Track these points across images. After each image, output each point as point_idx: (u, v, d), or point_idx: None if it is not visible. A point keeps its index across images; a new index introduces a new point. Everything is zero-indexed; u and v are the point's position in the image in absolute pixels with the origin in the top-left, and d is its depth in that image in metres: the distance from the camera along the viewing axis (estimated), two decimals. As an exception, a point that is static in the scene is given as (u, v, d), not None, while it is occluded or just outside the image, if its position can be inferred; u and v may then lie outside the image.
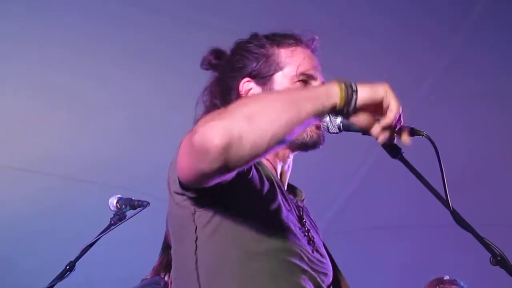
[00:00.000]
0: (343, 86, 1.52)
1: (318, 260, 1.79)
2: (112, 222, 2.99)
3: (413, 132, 1.70)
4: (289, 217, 1.78)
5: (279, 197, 1.77)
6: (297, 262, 1.72)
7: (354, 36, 4.40)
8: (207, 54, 1.98)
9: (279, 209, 1.74)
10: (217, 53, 1.98)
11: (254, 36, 1.95)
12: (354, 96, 1.52)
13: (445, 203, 1.69)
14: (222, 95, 1.92)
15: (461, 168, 4.68)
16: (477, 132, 4.96)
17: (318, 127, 1.85)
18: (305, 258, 1.75)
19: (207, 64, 1.98)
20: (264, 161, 1.83)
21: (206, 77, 2.00)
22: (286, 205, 1.80)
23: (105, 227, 2.99)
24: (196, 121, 1.90)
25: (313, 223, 1.92)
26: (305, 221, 1.86)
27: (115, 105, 4.52)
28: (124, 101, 4.52)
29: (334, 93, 1.52)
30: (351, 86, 1.52)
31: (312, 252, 1.79)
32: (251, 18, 3.96)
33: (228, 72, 1.92)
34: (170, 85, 4.37)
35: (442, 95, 4.79)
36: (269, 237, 1.70)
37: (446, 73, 4.70)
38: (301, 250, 1.74)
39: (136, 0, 4.10)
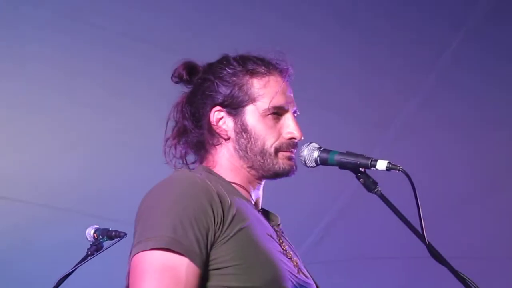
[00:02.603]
0: None
1: (303, 281, 1.81)
2: (89, 252, 2.97)
3: (389, 167, 1.73)
4: (273, 245, 1.79)
5: (259, 228, 1.78)
6: None
7: (336, 61, 4.44)
8: (180, 66, 1.93)
9: (263, 241, 1.76)
10: (190, 68, 1.93)
11: (226, 60, 1.91)
12: None
13: (421, 237, 1.71)
14: (193, 117, 1.90)
15: (438, 199, 4.71)
16: (450, 166, 5.01)
17: (290, 158, 1.86)
18: (295, 283, 1.76)
19: (177, 78, 1.94)
20: (238, 188, 1.85)
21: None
22: (266, 234, 1.81)
23: (82, 257, 2.98)
24: (166, 139, 1.92)
25: (291, 246, 1.92)
26: (284, 245, 1.86)
27: (98, 133, 4.50)
28: (107, 129, 4.50)
29: None
30: None
31: (298, 273, 1.80)
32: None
33: (199, 97, 1.89)
34: (155, 113, 4.35)
35: (418, 125, 4.84)
36: (262, 270, 1.70)
37: (423, 104, 4.75)
38: (290, 276, 1.76)
39: (128, 29, 4.13)
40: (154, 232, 1.65)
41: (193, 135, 1.90)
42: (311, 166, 1.85)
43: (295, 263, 1.83)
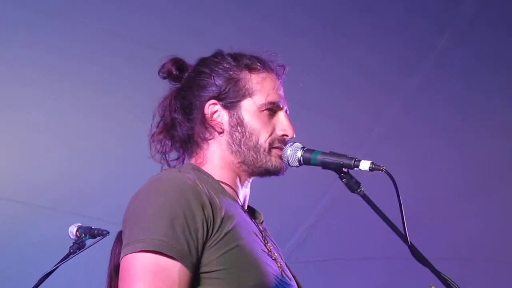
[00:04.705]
0: None
1: (286, 283, 1.80)
2: (72, 250, 2.97)
3: (372, 167, 1.73)
4: (258, 246, 1.78)
5: (245, 229, 1.77)
6: None
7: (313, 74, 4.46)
8: (168, 62, 1.93)
9: (249, 243, 1.75)
10: (179, 64, 1.94)
11: (221, 55, 1.92)
12: None
13: (404, 237, 1.71)
14: (183, 111, 1.89)
15: (418, 204, 4.73)
16: (433, 169, 5.04)
17: (281, 157, 1.86)
18: (279, 286, 1.75)
19: (166, 73, 1.94)
20: (226, 187, 1.84)
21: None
22: (252, 232, 1.81)
23: (64, 255, 2.97)
24: (152, 134, 1.90)
25: (275, 245, 1.92)
26: (269, 245, 1.86)
27: (80, 131, 4.48)
28: (89, 127, 4.48)
29: None
30: None
31: (281, 275, 1.80)
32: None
33: (193, 90, 1.89)
34: (138, 111, 4.32)
35: (399, 132, 4.87)
36: (249, 275, 1.70)
37: (403, 112, 4.78)
38: (275, 279, 1.75)
39: (111, 27, 4.12)
40: (145, 234, 1.63)
41: (183, 128, 1.89)
42: (294, 166, 1.85)
43: (279, 264, 1.83)
